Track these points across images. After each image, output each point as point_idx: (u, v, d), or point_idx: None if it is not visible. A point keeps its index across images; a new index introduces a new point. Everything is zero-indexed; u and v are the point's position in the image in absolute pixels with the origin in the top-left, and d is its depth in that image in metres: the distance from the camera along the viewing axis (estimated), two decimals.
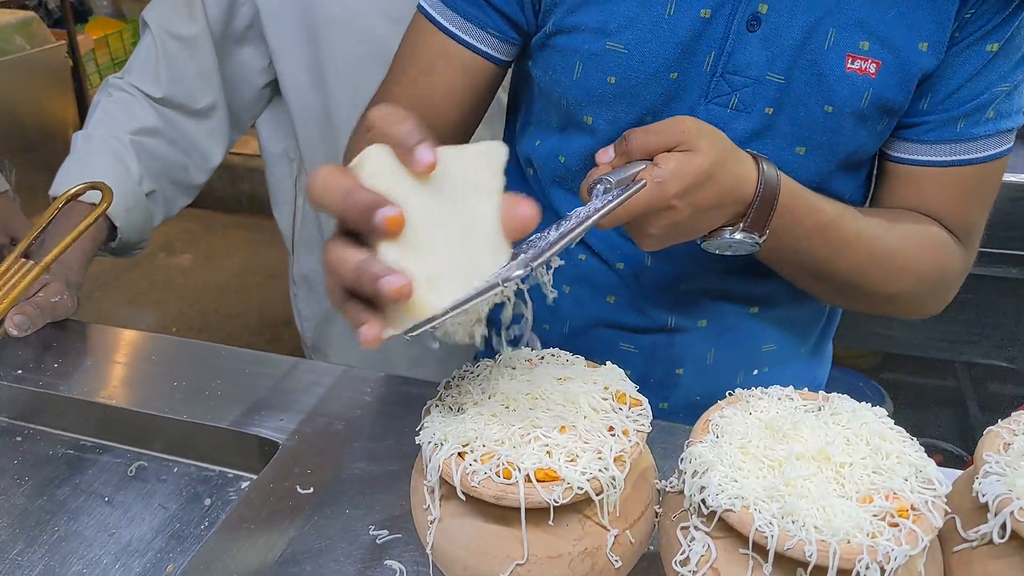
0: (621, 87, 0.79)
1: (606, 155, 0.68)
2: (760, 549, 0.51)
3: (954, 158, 0.79)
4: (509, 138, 0.97)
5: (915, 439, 0.57)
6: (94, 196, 0.99)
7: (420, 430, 0.59)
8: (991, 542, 0.54)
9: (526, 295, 0.58)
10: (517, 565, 0.55)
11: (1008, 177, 1.57)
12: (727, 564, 0.53)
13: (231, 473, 0.86)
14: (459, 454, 0.55)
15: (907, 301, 0.84)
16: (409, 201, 0.51)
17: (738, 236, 0.70)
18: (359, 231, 0.51)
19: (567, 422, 0.57)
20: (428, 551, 0.59)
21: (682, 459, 0.57)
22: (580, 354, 0.67)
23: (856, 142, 0.79)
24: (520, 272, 0.50)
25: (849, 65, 0.74)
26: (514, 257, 0.53)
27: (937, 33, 0.73)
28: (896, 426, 0.58)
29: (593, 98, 0.80)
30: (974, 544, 0.55)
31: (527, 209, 0.53)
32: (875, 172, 0.88)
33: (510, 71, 0.92)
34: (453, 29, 0.83)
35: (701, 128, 0.66)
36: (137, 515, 0.83)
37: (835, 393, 0.61)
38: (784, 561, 0.51)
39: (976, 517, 0.55)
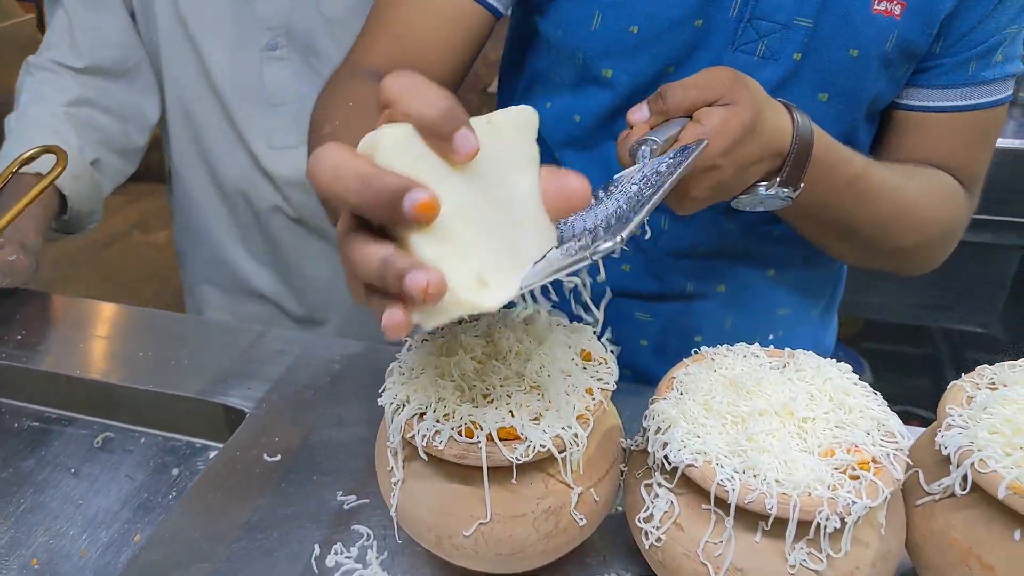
0: (644, 36, 0.76)
1: (639, 114, 0.64)
2: (722, 503, 0.51)
3: (965, 103, 0.78)
4: (506, 104, 0.93)
5: (878, 395, 0.57)
6: (45, 164, 0.97)
7: (382, 392, 0.58)
8: (953, 495, 0.54)
9: None
10: (480, 524, 0.55)
11: None
12: (689, 519, 0.53)
13: (198, 443, 0.85)
14: (420, 415, 0.55)
15: (923, 253, 0.83)
16: (437, 186, 0.41)
17: (772, 191, 0.67)
18: (380, 223, 0.43)
19: (531, 381, 0.57)
20: (393, 513, 0.59)
21: (645, 416, 0.56)
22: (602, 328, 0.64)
23: (878, 88, 0.77)
24: (609, 245, 0.43)
25: (876, 6, 0.73)
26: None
27: None
28: (862, 383, 0.58)
29: (613, 49, 0.77)
30: (937, 497, 0.55)
31: (576, 182, 0.46)
32: (883, 127, 0.86)
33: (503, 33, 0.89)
34: None
35: (739, 78, 0.63)
36: (104, 486, 0.82)
37: (800, 350, 0.61)
38: (746, 515, 0.51)
39: (939, 471, 0.55)
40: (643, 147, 0.59)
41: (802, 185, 0.67)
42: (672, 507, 0.54)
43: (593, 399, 0.56)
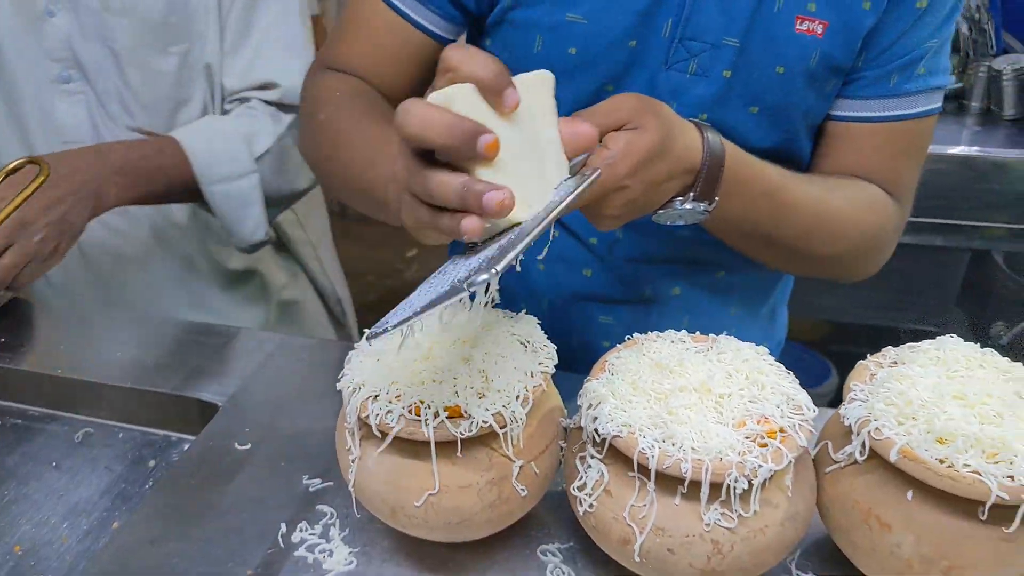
0: (582, 58, 0.80)
1: None
2: (644, 470, 0.56)
3: (887, 113, 0.82)
4: None
5: (791, 374, 0.63)
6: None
7: (341, 377, 0.63)
8: (856, 462, 0.60)
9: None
10: (429, 495, 0.60)
11: (932, 149, 1.66)
12: (618, 486, 0.59)
13: (174, 436, 0.90)
14: (375, 396, 0.60)
15: (850, 261, 0.87)
16: (494, 131, 0.54)
17: (688, 206, 0.71)
18: (454, 158, 0.54)
19: (477, 364, 0.62)
20: (351, 488, 0.64)
21: (580, 395, 0.62)
22: (560, 329, 0.70)
23: (807, 103, 0.81)
24: (485, 277, 0.51)
25: (798, 27, 0.77)
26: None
27: None
28: (776, 362, 0.64)
29: (554, 70, 0.80)
30: (842, 465, 0.61)
31: (585, 127, 0.59)
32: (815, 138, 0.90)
33: None
34: (396, 3, 0.85)
35: (646, 104, 0.66)
36: (84, 478, 0.86)
37: (723, 335, 0.67)
38: (666, 480, 0.56)
39: (845, 442, 0.61)
40: None
41: (716, 199, 0.71)
42: (602, 476, 0.59)
43: (533, 380, 0.62)
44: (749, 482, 0.54)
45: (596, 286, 0.94)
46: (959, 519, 0.55)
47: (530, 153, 0.57)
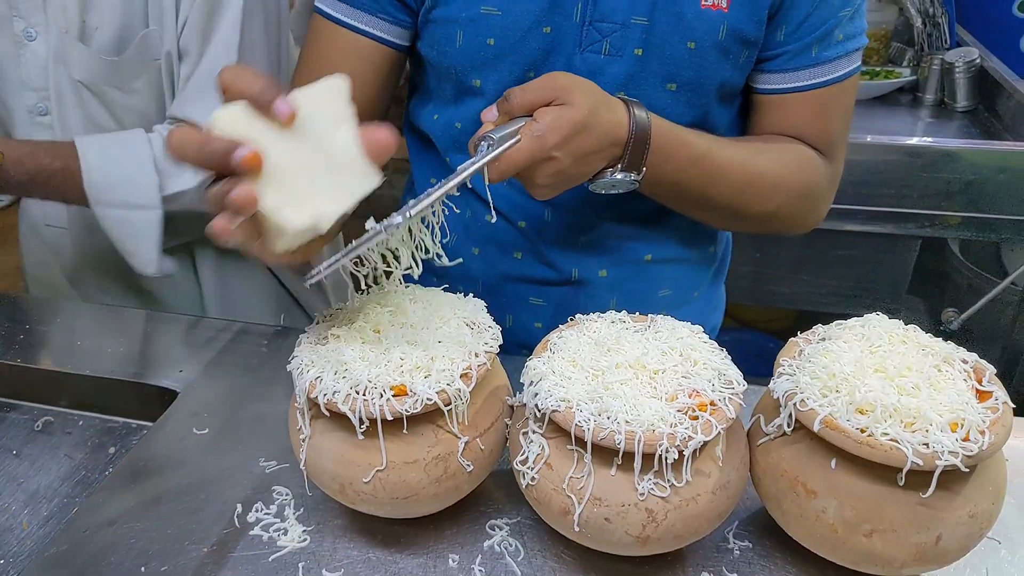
0: (500, 47, 0.84)
1: (490, 114, 0.73)
2: (582, 443, 0.59)
3: (813, 81, 0.87)
4: (410, 117, 1.01)
5: (723, 350, 0.66)
6: None
7: (291, 359, 0.65)
8: (784, 434, 0.63)
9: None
10: (377, 471, 0.62)
11: (881, 138, 1.70)
12: (557, 459, 0.61)
13: (134, 423, 0.91)
14: (322, 376, 0.62)
15: (785, 217, 0.91)
16: (271, 148, 0.57)
17: (619, 176, 0.76)
18: (220, 174, 0.58)
19: (423, 345, 0.64)
20: (302, 467, 0.66)
21: (523, 372, 0.64)
22: (495, 311, 0.73)
23: (722, 75, 0.85)
24: (399, 220, 0.57)
25: (704, 3, 0.81)
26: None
27: None
28: (710, 340, 0.67)
29: (477, 62, 0.85)
30: (772, 436, 0.64)
31: (384, 133, 0.60)
32: (745, 107, 0.95)
33: None
34: (348, 20, 0.88)
35: (574, 82, 0.71)
36: (44, 465, 0.87)
37: (661, 315, 0.70)
38: (602, 452, 0.59)
39: (776, 415, 0.64)
40: (483, 142, 0.68)
41: (644, 168, 0.76)
42: (543, 450, 0.62)
43: (477, 360, 0.64)
44: (680, 452, 0.57)
45: (526, 268, 0.98)
46: (879, 485, 0.58)
47: (323, 164, 0.59)
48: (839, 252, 1.85)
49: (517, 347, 0.85)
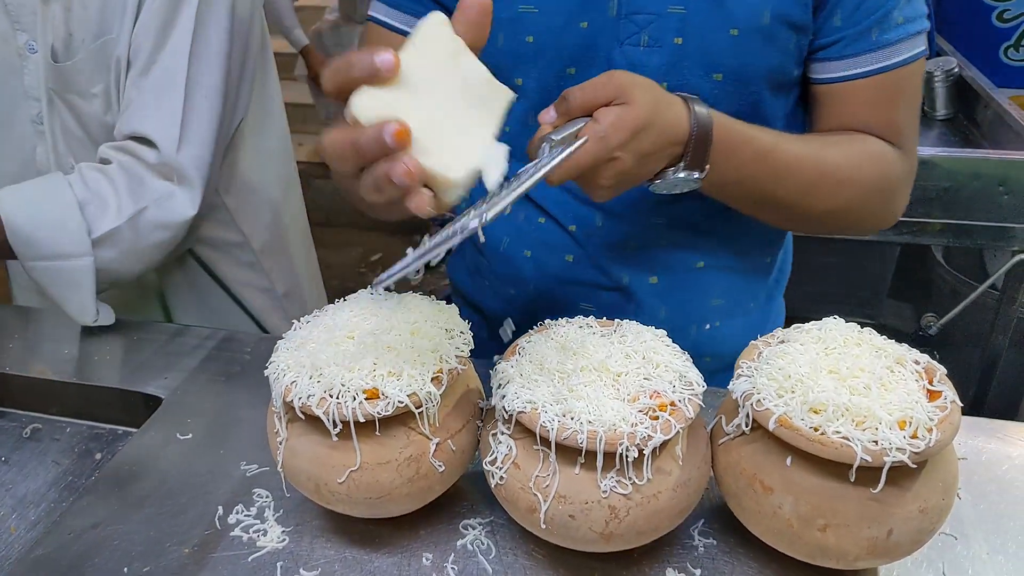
0: (539, 44, 0.84)
1: (548, 115, 0.71)
2: (547, 443, 0.61)
3: (874, 67, 0.83)
4: None
5: (685, 353, 0.68)
6: None
7: (268, 364, 0.68)
8: (744, 433, 0.65)
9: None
10: (351, 472, 0.64)
11: None
12: (525, 459, 0.63)
13: (120, 430, 0.93)
14: (298, 380, 0.64)
15: (857, 213, 0.88)
16: (414, 112, 0.56)
17: (681, 175, 0.74)
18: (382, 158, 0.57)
19: (396, 349, 0.67)
20: (279, 468, 0.68)
21: (491, 375, 0.67)
22: (546, 315, 0.74)
23: (769, 61, 0.82)
24: (475, 224, 0.57)
25: None
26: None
27: None
28: (673, 344, 0.69)
29: (518, 60, 0.86)
30: (732, 436, 0.66)
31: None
32: (807, 102, 0.91)
33: None
34: (398, 25, 0.90)
35: (634, 80, 0.70)
36: (32, 471, 0.89)
37: (627, 320, 0.72)
38: (566, 451, 0.61)
39: (736, 415, 0.66)
40: (544, 144, 0.67)
41: (707, 166, 0.74)
42: (511, 450, 0.64)
43: (448, 364, 0.67)
44: (640, 451, 0.59)
45: (577, 272, 0.97)
46: (831, 481, 0.60)
47: (459, 100, 0.58)
48: (820, 259, 1.88)
49: None
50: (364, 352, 0.66)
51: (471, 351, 0.70)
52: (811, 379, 0.62)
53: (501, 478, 0.64)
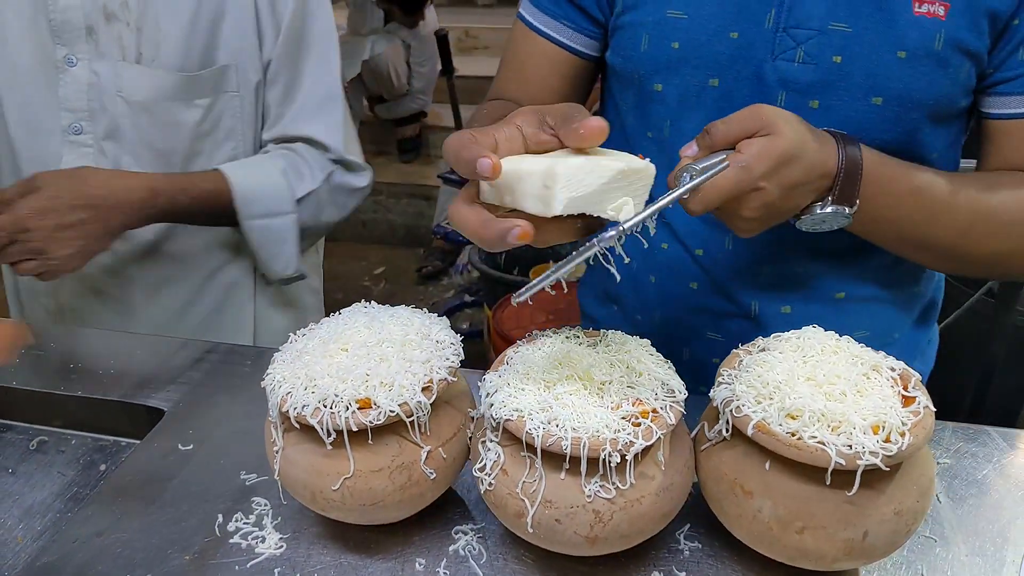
0: (684, 51, 0.83)
1: (690, 150, 0.71)
2: (533, 450, 0.63)
3: None
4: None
5: (668, 362, 0.71)
6: None
7: (265, 376, 0.70)
8: (725, 439, 0.68)
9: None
10: (345, 479, 0.67)
11: None
12: (512, 465, 0.66)
13: (124, 441, 0.96)
14: (293, 391, 0.67)
15: (1021, 260, 0.83)
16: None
17: (829, 210, 0.72)
18: None
19: (388, 360, 0.69)
20: (276, 477, 0.71)
21: (479, 385, 0.69)
22: (672, 344, 0.74)
23: (937, 89, 0.78)
24: (613, 234, 0.59)
25: (917, 9, 0.75)
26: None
27: None
28: (656, 353, 0.71)
29: (660, 65, 0.85)
30: (714, 442, 0.69)
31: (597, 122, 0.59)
32: (978, 138, 0.87)
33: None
34: (537, 24, 0.94)
35: (779, 113, 0.68)
36: (38, 483, 0.92)
37: (612, 331, 0.74)
38: (552, 458, 0.63)
39: (718, 422, 0.68)
40: (684, 174, 0.67)
41: (857, 202, 0.72)
42: (499, 457, 0.66)
43: (439, 374, 0.69)
44: (623, 456, 0.62)
45: (702, 298, 0.94)
46: (809, 485, 0.62)
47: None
48: None
49: (692, 383, 0.73)
50: (357, 363, 0.68)
51: (461, 362, 0.72)
52: (788, 386, 0.64)
53: (490, 484, 0.66)
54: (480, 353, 2.86)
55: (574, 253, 0.60)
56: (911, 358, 0.99)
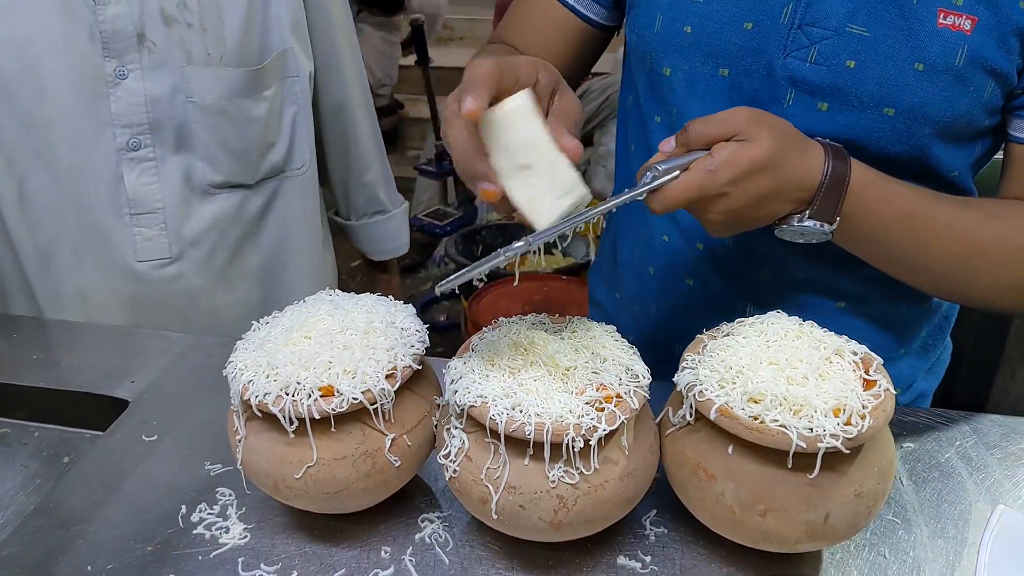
0: (696, 36, 0.81)
1: (667, 145, 0.69)
2: (497, 436, 0.63)
3: None
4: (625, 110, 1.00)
5: (633, 348, 0.71)
6: None
7: (227, 364, 0.69)
8: (689, 424, 0.68)
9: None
10: (308, 467, 0.66)
11: None
12: (477, 452, 0.65)
13: (88, 433, 0.94)
14: (254, 379, 0.66)
15: (1021, 295, 0.78)
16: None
17: (808, 223, 0.70)
18: None
19: (351, 347, 0.68)
20: (239, 466, 0.70)
21: (444, 372, 0.69)
22: (666, 337, 0.73)
23: (955, 107, 0.74)
24: (520, 244, 0.62)
25: (941, 20, 0.71)
26: None
27: None
28: (621, 338, 0.72)
29: (671, 47, 0.83)
30: (678, 426, 0.69)
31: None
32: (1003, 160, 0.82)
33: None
34: None
35: (762, 119, 0.67)
36: (1, 475, 0.90)
37: (578, 317, 0.74)
38: (516, 444, 0.63)
39: (682, 407, 0.69)
40: (648, 173, 0.67)
41: (838, 219, 0.70)
42: (464, 443, 0.66)
43: (403, 361, 0.69)
44: (586, 441, 0.62)
45: (698, 296, 0.93)
46: (771, 468, 0.63)
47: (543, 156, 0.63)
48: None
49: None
50: (320, 351, 0.68)
51: (426, 348, 0.72)
52: (751, 370, 0.65)
53: (455, 471, 0.66)
54: (458, 345, 2.84)
55: (492, 254, 0.62)
56: (915, 376, 0.96)
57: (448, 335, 3.21)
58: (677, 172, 0.66)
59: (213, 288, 1.18)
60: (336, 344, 0.69)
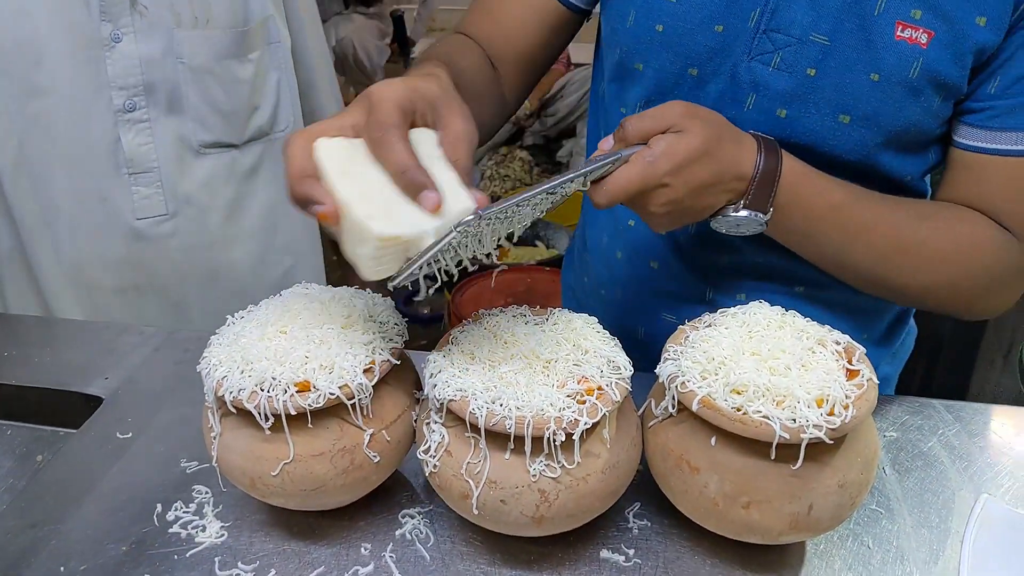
0: (668, 35, 0.81)
1: (606, 143, 0.71)
2: (477, 430, 0.62)
3: (1016, 148, 0.75)
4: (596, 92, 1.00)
5: (615, 339, 0.70)
6: None
7: (201, 359, 0.68)
8: (671, 415, 0.67)
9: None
10: (285, 464, 0.65)
11: None
12: (457, 446, 0.64)
13: (61, 431, 0.93)
14: (228, 375, 0.65)
15: (946, 297, 0.80)
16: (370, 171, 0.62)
17: (742, 214, 0.71)
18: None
19: (328, 342, 0.67)
20: (214, 464, 0.69)
21: (423, 366, 0.68)
22: (630, 321, 0.73)
23: (906, 117, 0.76)
24: (471, 218, 0.58)
25: (899, 33, 0.73)
26: None
27: (998, 8, 0.71)
28: (603, 330, 0.71)
29: (642, 45, 0.83)
30: (661, 419, 0.68)
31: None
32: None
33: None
34: None
35: (694, 112, 0.69)
36: None
37: (559, 308, 0.73)
38: (496, 438, 0.62)
39: (664, 399, 0.68)
40: (585, 165, 0.68)
41: (771, 209, 0.72)
42: (443, 438, 0.65)
43: (381, 355, 0.67)
44: (568, 435, 0.61)
45: (661, 280, 0.94)
46: (754, 459, 0.62)
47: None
48: None
49: (645, 362, 0.74)
50: (296, 346, 0.67)
51: (405, 343, 0.70)
52: (733, 361, 0.64)
53: (435, 466, 0.65)
54: (440, 338, 2.84)
55: (438, 239, 0.59)
56: (885, 357, 0.98)
57: (431, 328, 3.20)
58: (616, 157, 0.67)
59: (210, 247, 1.22)
60: (312, 339, 0.67)
